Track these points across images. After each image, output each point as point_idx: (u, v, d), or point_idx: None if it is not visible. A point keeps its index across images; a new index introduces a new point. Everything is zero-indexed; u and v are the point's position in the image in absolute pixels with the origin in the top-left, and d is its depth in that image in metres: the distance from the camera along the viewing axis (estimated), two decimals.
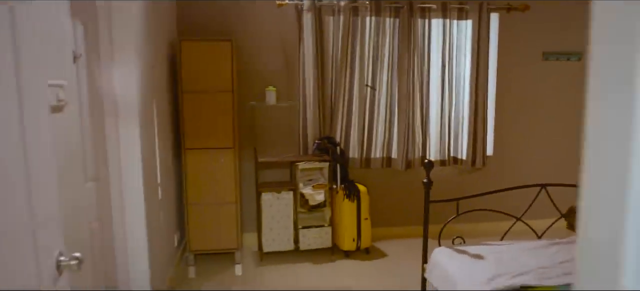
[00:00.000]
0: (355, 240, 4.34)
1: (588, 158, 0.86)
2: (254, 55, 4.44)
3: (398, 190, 4.80)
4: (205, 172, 4.05)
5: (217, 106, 3.99)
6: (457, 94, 4.68)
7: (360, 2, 4.38)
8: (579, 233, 0.90)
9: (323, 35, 4.41)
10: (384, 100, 4.59)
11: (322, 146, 4.40)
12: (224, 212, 4.15)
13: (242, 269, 4.17)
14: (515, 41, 4.76)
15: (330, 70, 4.49)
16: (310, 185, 4.29)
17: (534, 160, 4.94)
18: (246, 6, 4.37)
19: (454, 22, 4.57)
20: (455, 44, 4.60)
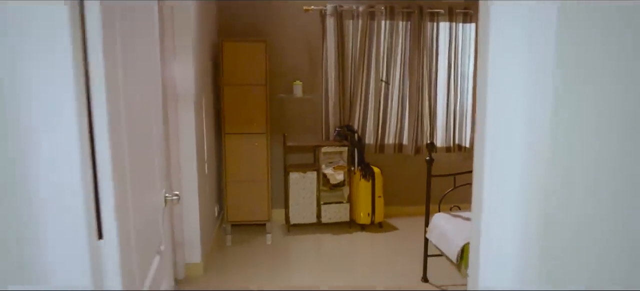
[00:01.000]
0: (370, 215, 4.97)
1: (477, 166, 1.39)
2: (284, 54, 5.11)
3: (408, 172, 5.42)
4: (241, 154, 4.73)
5: (253, 97, 4.66)
6: (462, 89, 5.28)
7: (376, 8, 5.01)
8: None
9: (343, 36, 5.05)
10: (396, 93, 5.21)
11: (342, 133, 5.06)
12: (257, 188, 4.83)
13: (272, 238, 4.83)
14: None
15: (350, 66, 5.13)
16: (332, 167, 4.95)
17: None
18: (277, 11, 5.03)
19: (459, 25, 5.17)
20: (461, 44, 5.20)
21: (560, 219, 1.28)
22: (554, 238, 1.29)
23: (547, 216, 1.27)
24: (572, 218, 1.28)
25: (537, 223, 1.28)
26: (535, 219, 1.28)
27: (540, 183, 1.26)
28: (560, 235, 1.29)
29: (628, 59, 1.22)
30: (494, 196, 1.29)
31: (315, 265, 4.26)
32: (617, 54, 1.22)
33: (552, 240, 1.29)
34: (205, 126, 4.20)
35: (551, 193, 1.26)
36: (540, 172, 1.26)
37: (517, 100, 1.24)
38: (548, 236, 1.29)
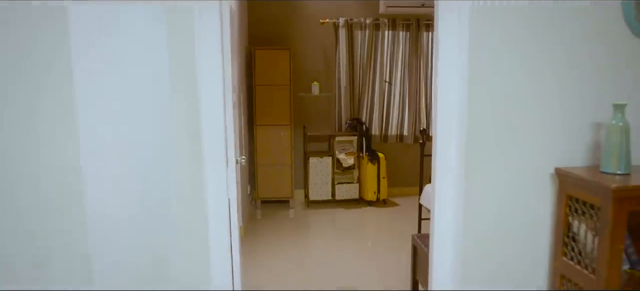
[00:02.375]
0: (375, 193, 5.96)
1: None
2: (304, 59, 6.11)
3: (408, 158, 6.39)
4: (269, 142, 5.74)
5: (278, 96, 5.67)
6: None
7: (380, 20, 5.99)
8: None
9: (353, 44, 6.04)
10: (397, 92, 6.19)
11: (352, 125, 6.06)
12: (281, 171, 5.83)
13: (294, 213, 5.83)
14: None
15: (358, 69, 6.12)
16: (344, 153, 5.95)
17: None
18: (299, 23, 6.03)
19: None
20: None
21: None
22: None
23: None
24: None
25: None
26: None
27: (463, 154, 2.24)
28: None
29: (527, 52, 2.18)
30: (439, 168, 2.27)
31: (330, 233, 5.24)
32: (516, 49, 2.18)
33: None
34: (242, 118, 5.20)
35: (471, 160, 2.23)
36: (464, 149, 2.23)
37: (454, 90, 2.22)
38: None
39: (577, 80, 2.09)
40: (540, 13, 2.05)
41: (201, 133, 2.08)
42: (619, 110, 1.91)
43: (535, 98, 2.10)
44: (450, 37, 2.15)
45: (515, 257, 2.21)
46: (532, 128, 2.11)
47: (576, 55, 2.08)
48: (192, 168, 2.09)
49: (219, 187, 2.15)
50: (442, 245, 2.30)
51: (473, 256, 2.22)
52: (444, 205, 2.26)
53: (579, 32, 2.07)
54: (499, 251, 2.21)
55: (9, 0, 1.77)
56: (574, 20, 2.06)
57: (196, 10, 2.02)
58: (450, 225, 2.25)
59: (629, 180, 1.83)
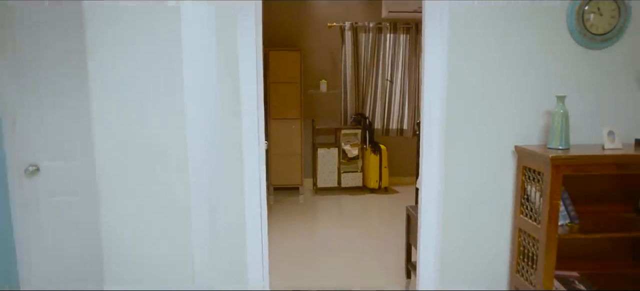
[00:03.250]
0: (377, 181, 6.55)
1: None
2: (313, 59, 6.71)
3: (407, 150, 6.96)
4: (281, 134, 6.34)
5: (290, 92, 6.27)
6: None
7: (383, 24, 6.59)
8: None
9: (358, 46, 6.63)
10: (398, 89, 6.78)
11: (357, 119, 6.66)
12: (292, 160, 6.44)
13: (303, 199, 6.44)
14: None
15: (362, 69, 6.71)
16: (349, 144, 6.55)
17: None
18: (308, 27, 6.63)
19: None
20: None
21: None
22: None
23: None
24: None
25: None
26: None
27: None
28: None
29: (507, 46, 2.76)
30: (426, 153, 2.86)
31: (336, 217, 5.84)
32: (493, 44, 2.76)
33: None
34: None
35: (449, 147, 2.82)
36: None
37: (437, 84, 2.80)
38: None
39: (532, 77, 2.68)
40: (506, 22, 2.63)
41: (241, 114, 2.69)
42: (561, 100, 2.49)
43: (500, 91, 2.69)
44: (434, 36, 2.72)
45: (485, 217, 2.80)
46: (497, 114, 2.70)
47: (531, 57, 2.67)
48: (235, 139, 2.71)
49: (253, 152, 2.78)
50: (428, 209, 2.89)
51: (452, 217, 2.81)
52: (429, 176, 2.86)
53: (534, 40, 2.66)
54: (472, 212, 2.80)
55: (140, 1, 2.30)
56: (529, 30, 2.65)
57: (238, 10, 2.62)
58: (434, 192, 2.84)
59: (566, 153, 2.41)
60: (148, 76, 2.28)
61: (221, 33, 2.62)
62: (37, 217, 3.15)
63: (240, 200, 2.81)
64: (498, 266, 2.83)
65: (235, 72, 2.69)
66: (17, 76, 3.00)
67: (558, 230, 2.42)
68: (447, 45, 2.68)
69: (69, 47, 2.98)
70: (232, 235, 2.81)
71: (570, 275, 2.70)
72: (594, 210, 2.72)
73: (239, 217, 2.81)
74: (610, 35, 2.65)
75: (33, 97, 3.03)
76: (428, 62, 2.78)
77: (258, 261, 2.93)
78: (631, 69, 2.69)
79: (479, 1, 2.63)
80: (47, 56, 3.00)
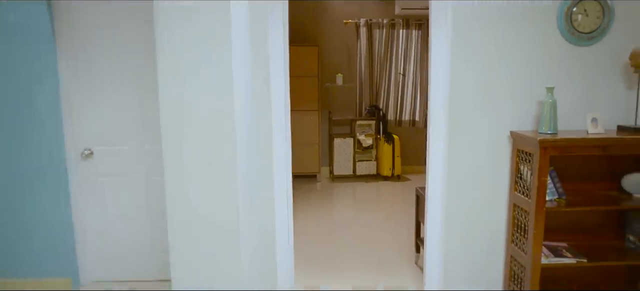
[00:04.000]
0: (391, 170, 6.94)
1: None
2: (330, 54, 7.10)
3: (419, 140, 7.35)
4: (300, 125, 6.75)
5: (308, 85, 6.67)
6: None
7: (396, 20, 6.94)
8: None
9: (372, 41, 7.00)
10: (410, 82, 7.14)
11: (371, 110, 7.04)
12: (310, 149, 6.85)
13: (321, 186, 6.85)
14: None
15: (376, 63, 7.08)
16: (364, 134, 6.94)
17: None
18: (326, 23, 7.02)
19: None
20: None
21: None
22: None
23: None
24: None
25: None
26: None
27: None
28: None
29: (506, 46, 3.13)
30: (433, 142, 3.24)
31: (351, 201, 6.24)
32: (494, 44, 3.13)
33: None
34: None
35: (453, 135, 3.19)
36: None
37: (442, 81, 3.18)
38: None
39: (526, 71, 3.04)
40: (503, 22, 2.99)
41: (271, 103, 3.10)
42: (550, 91, 2.85)
43: (498, 83, 3.05)
44: (439, 36, 3.11)
45: (484, 193, 3.17)
46: (495, 104, 3.07)
47: (525, 53, 3.03)
48: (266, 128, 3.11)
49: (281, 139, 3.18)
50: (434, 188, 3.27)
51: (455, 194, 3.19)
52: (435, 158, 3.24)
53: (528, 38, 3.02)
54: (473, 190, 3.18)
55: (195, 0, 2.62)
56: (524, 29, 3.01)
57: (268, 9, 3.01)
58: (439, 172, 3.22)
59: (554, 137, 2.77)
60: (205, 69, 2.62)
61: (254, 30, 3.02)
62: (90, 193, 3.62)
63: (270, 179, 3.22)
64: (496, 237, 3.21)
65: (266, 66, 3.09)
66: (76, 72, 3.46)
67: (546, 204, 2.79)
68: (451, 43, 3.05)
69: (122, 46, 3.44)
70: (264, 208, 3.23)
71: (559, 245, 3.06)
72: (581, 188, 3.08)
73: (270, 192, 3.22)
74: (595, 34, 3.00)
75: (89, 90, 3.49)
76: (434, 58, 3.17)
77: (285, 230, 3.35)
78: (614, 63, 3.03)
79: (479, 2, 3.00)
80: (103, 54, 3.46)
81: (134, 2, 3.38)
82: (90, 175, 3.59)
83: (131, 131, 3.55)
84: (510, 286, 3.16)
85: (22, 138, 3.41)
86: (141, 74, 3.46)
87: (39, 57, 3.34)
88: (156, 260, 3.69)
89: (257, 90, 3.10)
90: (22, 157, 3.43)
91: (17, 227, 3.51)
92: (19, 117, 3.39)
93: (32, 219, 3.51)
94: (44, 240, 3.54)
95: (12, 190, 3.47)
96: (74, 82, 3.46)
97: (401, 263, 4.07)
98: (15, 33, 3.30)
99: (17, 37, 3.30)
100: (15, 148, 3.42)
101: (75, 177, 3.55)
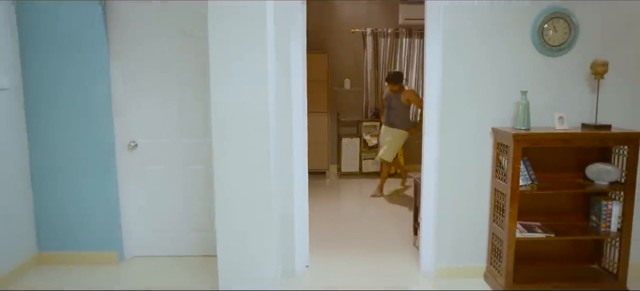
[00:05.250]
0: (393, 168, 7.51)
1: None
2: (338, 60, 7.70)
3: (420, 141, 7.91)
4: (311, 125, 7.27)
5: (318, 89, 7.27)
6: None
7: (400, 30, 7.54)
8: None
9: (377, 49, 7.60)
10: (413, 87, 7.72)
11: (376, 112, 7.63)
12: (320, 148, 7.44)
13: (329, 182, 7.44)
14: None
15: (382, 69, 7.68)
16: (369, 134, 7.53)
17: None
18: (334, 32, 7.64)
19: None
20: None
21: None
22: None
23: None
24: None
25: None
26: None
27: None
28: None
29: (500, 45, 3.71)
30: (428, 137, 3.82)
31: (358, 195, 6.82)
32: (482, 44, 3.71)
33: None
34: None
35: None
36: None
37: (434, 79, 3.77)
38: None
39: (506, 77, 3.61)
40: (486, 35, 3.58)
41: (292, 104, 3.70)
42: (524, 94, 3.42)
43: (482, 86, 3.63)
44: (433, 44, 3.70)
45: (470, 180, 3.75)
46: (480, 104, 3.65)
47: (505, 62, 3.60)
48: (286, 123, 3.71)
49: (299, 136, 3.78)
50: (428, 175, 3.86)
51: (446, 181, 3.77)
52: (429, 151, 3.83)
53: (507, 48, 3.60)
54: (461, 178, 3.75)
55: (234, 1, 3.07)
56: (504, 41, 3.59)
57: (291, 19, 3.61)
58: (432, 162, 3.81)
59: (526, 132, 3.35)
60: (246, 68, 3.12)
61: (278, 39, 3.61)
62: (135, 180, 4.24)
63: (290, 170, 3.82)
64: (480, 217, 3.79)
65: (288, 72, 3.69)
66: (124, 75, 4.08)
67: (520, 188, 3.37)
68: (442, 53, 3.65)
69: (163, 53, 4.05)
70: (285, 195, 3.82)
71: (533, 224, 3.64)
72: (552, 176, 3.65)
73: (290, 181, 3.82)
74: (563, 46, 3.58)
75: (135, 90, 4.12)
76: (429, 55, 3.76)
77: (302, 214, 3.94)
78: (580, 71, 3.61)
79: (466, 21, 3.59)
80: (147, 60, 4.08)
81: (173, 16, 3.99)
82: (135, 163, 4.20)
83: (170, 126, 4.16)
84: (491, 259, 3.73)
85: (79, 131, 4.02)
86: (180, 78, 4.07)
87: (94, 62, 3.95)
88: (190, 238, 4.29)
89: (280, 92, 3.70)
90: (80, 146, 4.04)
91: (73, 207, 4.12)
92: (77, 112, 4.00)
93: (86, 200, 4.12)
94: (95, 218, 4.14)
95: (70, 176, 4.08)
96: (123, 83, 4.08)
97: (401, 245, 4.64)
98: (76, 42, 3.92)
99: (77, 45, 3.92)
100: (74, 139, 4.03)
101: (123, 165, 4.16)
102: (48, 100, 3.99)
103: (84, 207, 4.13)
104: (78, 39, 3.91)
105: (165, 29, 4.02)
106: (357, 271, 4.09)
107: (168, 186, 4.24)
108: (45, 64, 3.94)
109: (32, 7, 3.89)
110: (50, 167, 4.08)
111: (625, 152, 3.45)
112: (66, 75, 3.95)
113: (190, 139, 4.16)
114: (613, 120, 3.55)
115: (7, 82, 3.78)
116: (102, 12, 3.90)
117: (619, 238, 3.49)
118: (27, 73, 3.96)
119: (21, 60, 3.94)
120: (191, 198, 4.23)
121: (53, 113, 4.01)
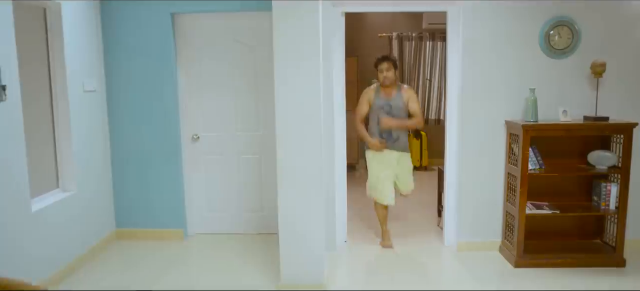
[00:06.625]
0: (419, 161, 8.10)
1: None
2: (366, 62, 8.32)
3: (443, 136, 8.47)
4: None
5: (349, 89, 7.87)
6: None
7: (423, 34, 8.14)
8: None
9: (403, 51, 8.21)
10: (436, 87, 8.31)
11: None
12: (350, 143, 7.97)
13: (359, 174, 8.08)
14: None
15: (406, 70, 8.28)
16: None
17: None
18: (363, 37, 8.27)
19: None
20: None
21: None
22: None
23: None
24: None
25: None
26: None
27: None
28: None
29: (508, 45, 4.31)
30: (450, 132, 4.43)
31: None
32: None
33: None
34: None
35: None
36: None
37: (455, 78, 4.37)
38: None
39: (517, 76, 4.21)
40: (501, 42, 4.18)
41: (333, 103, 4.36)
42: (532, 91, 4.01)
43: (497, 84, 4.23)
44: (453, 53, 4.32)
45: (487, 165, 4.35)
46: (494, 99, 4.25)
47: (516, 64, 4.20)
48: (329, 118, 4.37)
49: (339, 130, 4.45)
50: (450, 162, 4.48)
51: (466, 167, 4.38)
52: (450, 141, 4.45)
53: (518, 53, 4.19)
54: (479, 164, 4.36)
55: (294, 20, 3.56)
56: (515, 46, 4.19)
57: (332, 31, 4.27)
58: (454, 150, 4.42)
59: (534, 123, 3.94)
60: (303, 73, 3.64)
61: (323, 45, 4.27)
62: (197, 167, 4.95)
63: (332, 159, 4.49)
64: (496, 198, 4.39)
65: (330, 75, 4.35)
66: (189, 78, 4.81)
67: (529, 171, 3.97)
68: (462, 58, 4.26)
69: (221, 59, 4.76)
70: (328, 179, 4.48)
71: (542, 203, 4.21)
72: (558, 162, 4.23)
73: (332, 167, 4.49)
74: (567, 50, 4.16)
75: (197, 91, 4.83)
76: (450, 65, 4.37)
77: (341, 197, 4.60)
78: (581, 71, 4.18)
79: (484, 26, 4.19)
80: (208, 65, 4.79)
81: (229, 28, 4.69)
82: (197, 153, 4.92)
83: (227, 122, 4.86)
84: (506, 233, 4.33)
85: (151, 126, 4.75)
86: (234, 80, 4.78)
87: (165, 67, 4.67)
88: (244, 218, 4.99)
89: (325, 93, 4.35)
90: (151, 139, 4.77)
91: (145, 190, 4.86)
92: (151, 109, 4.73)
93: (156, 184, 4.85)
94: (163, 200, 4.87)
95: (143, 163, 4.82)
96: (187, 84, 4.80)
97: (427, 226, 5.27)
98: (153, 50, 4.65)
99: (153, 53, 4.65)
100: (147, 132, 4.76)
101: (187, 155, 4.88)
102: (125, 99, 4.74)
103: (155, 190, 4.86)
104: (152, 47, 4.64)
105: (222, 38, 4.73)
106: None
107: (225, 173, 4.94)
108: (124, 69, 4.69)
109: (113, 10, 4.62)
110: (127, 156, 4.82)
111: (621, 140, 4.01)
112: (141, 78, 4.69)
113: (244, 132, 4.85)
114: (611, 113, 4.12)
115: (96, 84, 4.54)
116: (171, 24, 4.62)
117: (617, 214, 4.05)
118: (109, 77, 4.70)
119: (104, 65, 4.69)
120: (245, 183, 4.92)
121: (129, 111, 4.75)
